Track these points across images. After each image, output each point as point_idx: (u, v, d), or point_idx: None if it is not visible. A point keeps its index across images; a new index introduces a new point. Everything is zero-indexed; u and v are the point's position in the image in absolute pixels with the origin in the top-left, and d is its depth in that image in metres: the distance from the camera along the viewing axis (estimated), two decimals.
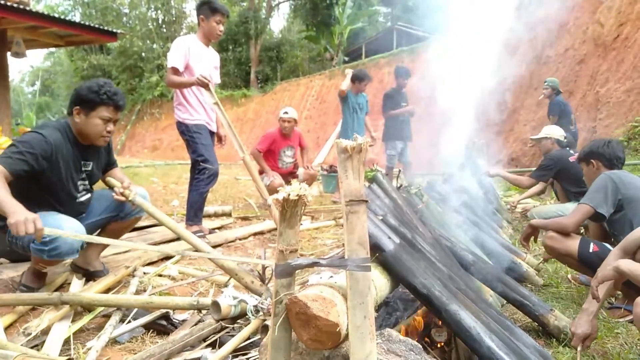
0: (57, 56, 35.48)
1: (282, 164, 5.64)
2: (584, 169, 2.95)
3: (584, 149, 2.96)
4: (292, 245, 1.18)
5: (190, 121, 3.79)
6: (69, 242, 2.27)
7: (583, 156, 2.94)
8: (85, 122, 2.44)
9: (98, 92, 2.39)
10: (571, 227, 2.62)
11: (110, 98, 2.42)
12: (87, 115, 2.43)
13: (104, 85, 2.42)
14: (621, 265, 1.75)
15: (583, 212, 2.58)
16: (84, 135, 2.49)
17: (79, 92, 2.43)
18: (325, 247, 3.93)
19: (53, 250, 2.25)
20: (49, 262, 2.37)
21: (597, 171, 2.80)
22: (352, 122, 6.12)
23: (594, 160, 2.84)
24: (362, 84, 6.05)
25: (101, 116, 2.43)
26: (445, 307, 1.54)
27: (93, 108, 2.41)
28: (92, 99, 2.40)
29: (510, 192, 7.03)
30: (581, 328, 1.93)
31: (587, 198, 2.59)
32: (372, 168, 2.55)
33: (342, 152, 1.15)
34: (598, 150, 2.83)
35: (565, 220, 2.65)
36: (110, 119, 2.47)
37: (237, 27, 23.67)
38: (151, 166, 13.24)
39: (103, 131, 2.47)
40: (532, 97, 10.36)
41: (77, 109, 2.43)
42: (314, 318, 1.12)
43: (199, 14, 3.82)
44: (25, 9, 6.55)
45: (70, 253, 2.33)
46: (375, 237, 1.57)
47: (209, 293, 2.74)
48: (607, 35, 9.37)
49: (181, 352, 1.89)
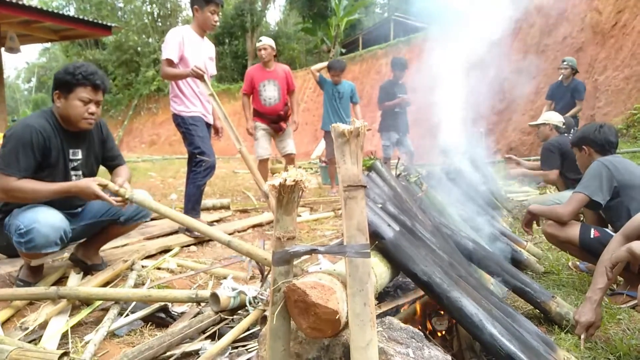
0: (53, 52, 35.26)
1: (264, 100, 5.28)
2: (577, 154, 2.91)
3: (577, 134, 2.93)
4: (290, 232, 1.16)
5: (186, 113, 3.75)
6: (44, 235, 2.26)
7: (575, 142, 2.89)
8: (65, 105, 2.41)
9: (74, 74, 2.36)
10: (566, 217, 2.59)
11: (85, 78, 2.37)
12: (66, 98, 2.40)
13: (80, 67, 2.39)
14: (633, 247, 1.74)
15: (578, 200, 2.55)
16: (66, 119, 2.45)
17: (57, 75, 2.41)
18: (325, 238, 3.92)
19: (29, 242, 2.25)
20: (29, 255, 2.36)
21: (590, 157, 2.77)
22: (331, 109, 6.13)
23: (585, 146, 2.80)
24: (334, 73, 6.01)
25: (80, 97, 2.39)
26: (447, 294, 1.52)
27: (71, 90, 2.38)
28: (68, 81, 2.37)
29: (509, 182, 7.00)
30: (585, 316, 1.91)
31: (581, 186, 2.56)
32: (370, 157, 2.52)
33: (340, 136, 1.12)
34: (589, 136, 2.77)
35: (561, 210, 2.62)
36: (91, 100, 2.42)
37: (233, 20, 23.50)
38: (149, 161, 13.22)
39: (84, 113, 2.42)
40: (530, 85, 10.33)
41: (57, 93, 2.41)
42: (313, 306, 1.10)
43: (193, 4, 3.77)
44: (18, 3, 6.49)
45: (47, 245, 2.30)
46: (375, 225, 1.54)
47: (207, 285, 2.72)
48: (605, 23, 9.33)
49: (180, 345, 1.87)
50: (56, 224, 2.33)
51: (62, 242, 2.40)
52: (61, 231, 2.35)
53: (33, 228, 2.24)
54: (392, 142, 6.50)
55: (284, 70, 5.38)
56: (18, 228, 2.26)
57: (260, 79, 5.29)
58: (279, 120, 5.35)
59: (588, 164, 2.75)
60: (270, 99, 5.29)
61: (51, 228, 2.29)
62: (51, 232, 2.28)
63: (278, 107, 5.31)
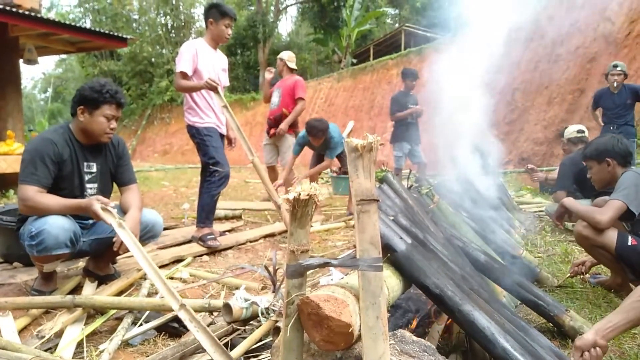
0: (69, 63, 35.89)
1: (270, 105, 5.71)
2: (594, 167, 2.84)
3: (593, 147, 2.86)
4: (304, 245, 1.18)
5: (201, 124, 3.80)
6: (54, 235, 2.32)
7: (595, 155, 2.83)
8: (89, 121, 2.55)
9: (101, 91, 2.51)
10: (604, 224, 2.50)
11: (112, 96, 2.54)
12: (91, 114, 2.54)
13: (105, 85, 2.55)
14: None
15: (617, 208, 2.47)
16: (88, 133, 2.58)
17: (82, 92, 2.54)
18: (336, 248, 3.92)
19: (39, 244, 2.31)
20: (40, 258, 2.41)
21: (613, 170, 2.73)
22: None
23: (609, 158, 2.75)
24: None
25: (105, 114, 2.54)
26: (459, 307, 1.52)
27: (97, 107, 2.53)
28: (96, 98, 2.51)
29: (521, 192, 6.96)
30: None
31: (621, 194, 2.48)
32: (382, 169, 2.53)
33: (353, 151, 1.14)
34: (614, 149, 2.73)
35: (600, 217, 2.51)
36: (114, 117, 2.58)
37: (245, 31, 23.75)
38: (162, 170, 13.34)
39: (106, 128, 2.58)
40: (542, 96, 10.26)
41: (82, 108, 2.54)
42: (326, 319, 1.11)
43: (208, 17, 3.83)
44: (37, 16, 6.62)
45: (57, 247, 2.35)
46: (387, 238, 1.55)
47: (220, 295, 2.74)
48: (618, 33, 9.26)
49: (193, 355, 1.89)
50: (65, 226, 2.38)
51: (72, 244, 2.44)
52: (70, 233, 2.40)
53: (43, 230, 2.31)
54: (404, 153, 6.51)
55: (294, 80, 5.51)
56: (29, 232, 2.34)
57: (275, 87, 5.68)
58: (274, 125, 5.54)
59: (609, 177, 2.72)
60: (273, 104, 5.62)
61: (61, 229, 2.35)
62: (61, 233, 2.34)
63: (275, 112, 5.56)
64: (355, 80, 18.05)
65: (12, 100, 7.27)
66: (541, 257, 3.54)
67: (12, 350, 1.75)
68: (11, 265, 3.11)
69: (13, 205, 3.77)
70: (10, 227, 2.86)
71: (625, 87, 6.00)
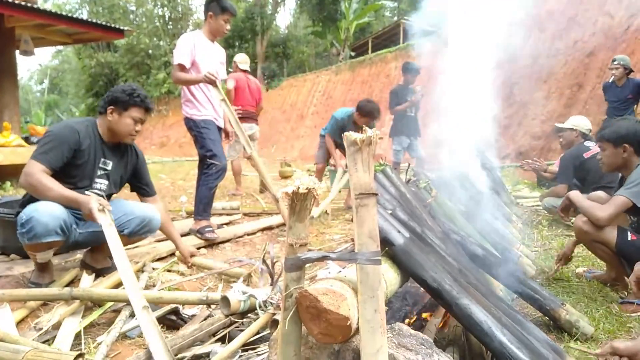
0: (65, 54, 35.65)
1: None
2: (608, 149, 2.66)
3: (615, 130, 2.64)
4: (302, 238, 1.18)
5: (198, 117, 3.79)
6: (43, 223, 2.31)
7: (613, 138, 2.61)
8: (117, 121, 2.65)
9: (132, 95, 2.63)
10: (604, 221, 2.46)
11: (142, 101, 2.67)
12: (120, 115, 2.64)
13: (137, 89, 2.68)
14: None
15: (621, 205, 2.41)
16: (114, 132, 2.68)
17: (114, 93, 2.66)
18: (334, 242, 3.93)
19: (29, 232, 2.31)
20: (32, 246, 2.40)
21: (628, 157, 2.58)
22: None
23: (627, 144, 2.57)
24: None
25: (133, 116, 2.65)
26: (456, 301, 1.53)
27: (126, 108, 2.64)
28: (127, 101, 2.62)
29: (519, 187, 6.97)
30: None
31: (627, 191, 2.42)
32: (380, 162, 2.53)
33: (352, 144, 1.14)
34: (635, 136, 2.54)
35: (600, 213, 2.46)
36: (140, 120, 2.70)
37: (243, 23, 23.62)
38: (159, 163, 13.31)
39: (132, 130, 2.68)
40: (541, 90, 10.26)
41: (112, 108, 2.64)
42: (325, 312, 1.12)
43: (208, 10, 3.81)
44: (33, 7, 6.57)
45: (47, 234, 2.34)
46: (385, 231, 1.55)
47: (218, 288, 2.75)
48: (617, 27, 9.24)
49: (191, 347, 1.89)
50: (55, 213, 2.36)
51: (63, 232, 2.42)
52: (61, 220, 2.38)
53: (32, 217, 2.30)
54: (403, 147, 6.50)
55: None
56: (20, 219, 2.35)
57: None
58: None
59: (620, 163, 2.60)
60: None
61: (50, 216, 2.33)
62: (50, 220, 2.33)
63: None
64: (354, 73, 18.02)
65: (9, 91, 7.23)
66: (538, 251, 3.56)
67: (9, 342, 1.75)
68: (8, 257, 3.11)
69: (10, 198, 3.77)
70: (7, 219, 2.86)
71: (629, 81, 5.96)
